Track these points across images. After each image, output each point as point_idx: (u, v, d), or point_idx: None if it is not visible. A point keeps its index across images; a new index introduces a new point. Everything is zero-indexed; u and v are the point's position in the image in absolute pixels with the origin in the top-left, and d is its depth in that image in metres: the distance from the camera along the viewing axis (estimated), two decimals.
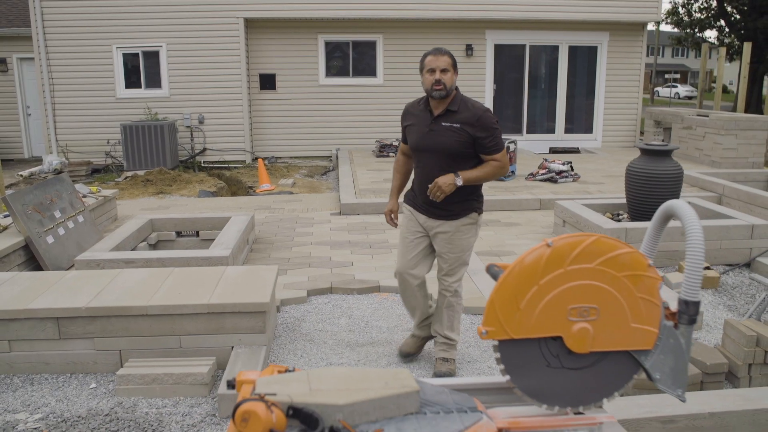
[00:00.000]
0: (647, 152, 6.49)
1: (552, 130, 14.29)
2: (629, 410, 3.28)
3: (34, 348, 3.92)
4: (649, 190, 6.40)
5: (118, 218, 7.89)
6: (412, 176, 3.81)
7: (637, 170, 6.49)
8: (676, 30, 32.25)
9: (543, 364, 1.65)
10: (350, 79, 13.56)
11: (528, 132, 14.26)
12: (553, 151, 13.57)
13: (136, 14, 12.64)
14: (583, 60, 14.01)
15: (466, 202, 3.58)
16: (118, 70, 12.90)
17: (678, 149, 7.79)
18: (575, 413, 1.69)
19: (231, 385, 1.62)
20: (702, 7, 30.03)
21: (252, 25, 13.13)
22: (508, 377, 1.65)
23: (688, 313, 1.64)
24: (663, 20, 32.26)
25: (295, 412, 1.48)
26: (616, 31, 13.77)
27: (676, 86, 52.42)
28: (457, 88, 3.52)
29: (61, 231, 6.00)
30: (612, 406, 3.33)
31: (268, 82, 13.38)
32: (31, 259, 5.65)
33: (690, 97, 48.62)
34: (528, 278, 1.58)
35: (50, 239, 5.79)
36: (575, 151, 13.66)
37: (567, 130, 14.31)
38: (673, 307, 1.73)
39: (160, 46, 12.82)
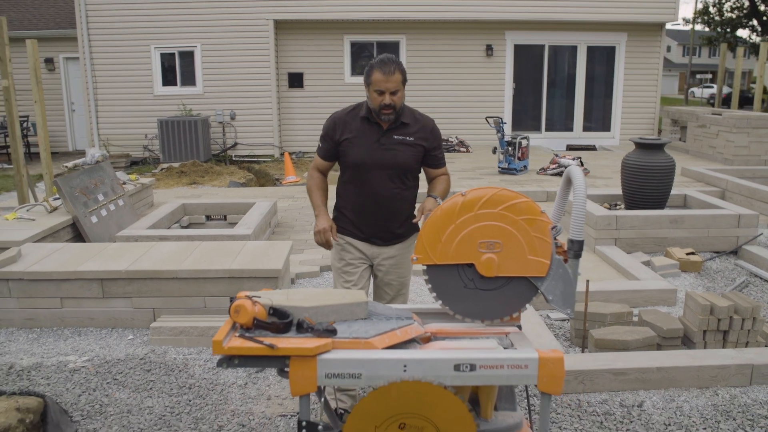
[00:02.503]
0: (641, 146, 6.92)
1: (570, 128, 14.67)
2: (586, 363, 3.79)
3: (82, 305, 4.58)
4: (642, 182, 6.82)
5: (153, 204, 8.59)
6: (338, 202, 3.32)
7: (631, 163, 6.92)
8: (707, 29, 32.03)
9: (461, 286, 2.18)
10: None
11: (546, 130, 14.67)
12: (570, 148, 13.94)
13: (173, 16, 13.41)
14: (602, 60, 14.37)
15: (410, 222, 3.23)
16: (155, 68, 13.71)
17: (670, 143, 8.18)
18: (487, 325, 2.23)
19: (232, 299, 2.20)
20: (734, 6, 29.83)
21: (281, 26, 13.81)
22: (434, 294, 2.20)
23: (574, 249, 2.15)
24: (693, 19, 32.11)
25: (274, 311, 2.06)
26: (634, 31, 14.08)
27: (712, 86, 51.76)
28: None
29: (103, 212, 6.69)
30: (572, 359, 3.83)
31: (296, 80, 14.05)
32: (78, 236, 6.35)
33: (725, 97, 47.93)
34: (447, 219, 2.12)
35: (94, 219, 6.48)
36: (592, 148, 14.02)
37: (585, 128, 14.69)
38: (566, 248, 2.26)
39: (195, 46, 13.59)
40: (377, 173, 3.06)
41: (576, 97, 14.56)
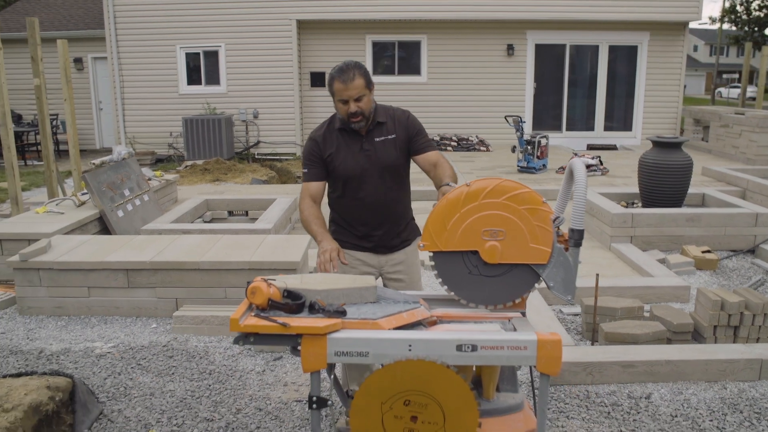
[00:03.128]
0: (659, 144, 6.94)
1: (591, 128, 14.65)
2: (595, 355, 3.87)
3: (108, 294, 4.77)
4: (659, 180, 6.85)
5: (177, 200, 8.80)
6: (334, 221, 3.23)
7: (649, 161, 6.95)
8: (734, 28, 31.60)
9: (466, 272, 2.29)
10: (396, 77, 14.26)
11: (567, 129, 14.67)
12: (591, 147, 13.92)
13: (198, 17, 13.67)
14: (623, 59, 14.32)
15: (412, 224, 3.23)
16: (181, 68, 13.98)
17: (688, 141, 8.17)
18: (491, 310, 2.34)
19: (249, 282, 2.32)
20: (762, 4, 29.42)
21: (304, 26, 13.99)
22: (440, 280, 2.31)
23: (574, 237, 2.24)
24: (721, 18, 31.69)
25: (288, 294, 2.18)
26: (657, 30, 14.01)
27: (739, 86, 50.96)
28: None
29: (129, 207, 6.90)
30: (580, 352, 3.91)
31: (318, 79, 14.22)
32: (104, 229, 6.56)
33: (754, 98, 47.20)
34: (452, 208, 2.23)
35: (120, 213, 6.69)
36: (613, 148, 13.98)
37: (606, 128, 14.65)
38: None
39: (219, 46, 13.82)
40: (370, 180, 2.98)
41: (597, 96, 14.53)
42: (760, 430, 3.31)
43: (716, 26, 35.82)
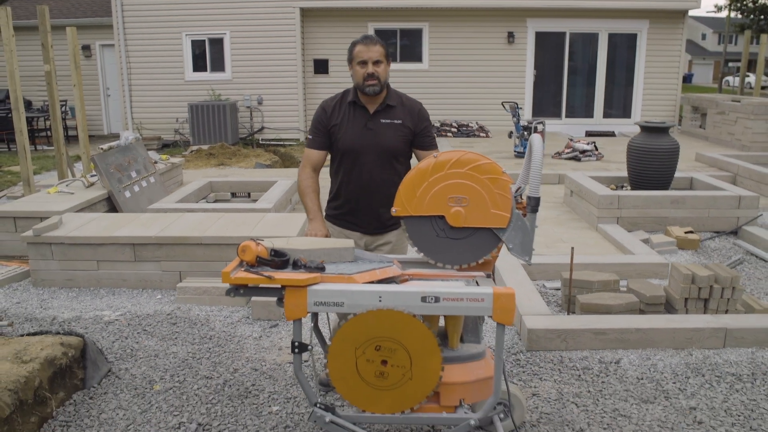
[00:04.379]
0: (646, 129, 7.17)
1: (590, 115, 14.85)
2: (571, 324, 4.13)
3: (116, 267, 5.06)
4: (647, 163, 7.08)
5: (183, 183, 9.09)
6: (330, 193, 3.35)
7: (636, 145, 7.18)
8: (740, 16, 31.53)
9: (434, 235, 2.55)
10: (398, 64, 14.48)
11: (567, 116, 14.87)
12: (590, 134, 14.12)
13: (204, 4, 13.92)
14: (623, 47, 14.48)
15: None
16: (186, 55, 14.24)
17: (674, 126, 8.38)
18: (458, 270, 2.61)
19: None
20: None
21: (307, 14, 14.21)
22: (411, 242, 2.57)
23: (531, 204, 2.50)
24: (729, 6, 31.63)
25: (275, 252, 2.46)
26: (656, 18, 14.16)
27: (748, 75, 50.67)
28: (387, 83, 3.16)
29: (136, 188, 7.20)
30: (556, 320, 4.17)
31: (321, 66, 14.46)
32: (112, 209, 6.85)
33: (764, 87, 46.97)
34: (421, 177, 2.49)
35: (127, 194, 6.99)
36: (611, 134, 14.18)
37: (605, 115, 14.84)
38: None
39: (224, 33, 14.07)
40: (367, 158, 3.08)
41: (597, 84, 14.71)
42: (719, 392, 3.57)
43: (724, 14, 35.71)
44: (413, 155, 3.26)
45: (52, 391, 3.14)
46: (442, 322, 2.73)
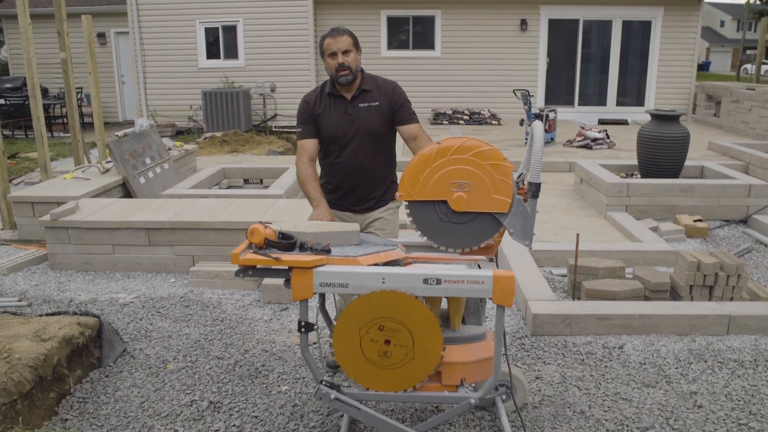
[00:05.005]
0: (656, 117, 7.17)
1: (603, 103, 14.78)
2: (575, 309, 4.19)
3: (130, 252, 5.19)
4: (657, 151, 7.09)
5: (196, 169, 9.20)
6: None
7: (647, 133, 7.18)
8: (759, 2, 31.03)
9: (437, 219, 2.62)
10: (410, 51, 14.49)
11: (580, 104, 14.81)
12: (602, 122, 14.06)
13: None
14: (637, 34, 14.37)
15: (393, 187, 3.42)
16: (200, 42, 14.33)
17: (685, 115, 8.35)
18: (460, 253, 2.68)
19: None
20: None
21: (320, 1, 14.23)
22: (415, 226, 2.65)
23: (532, 190, 2.57)
24: None
25: (282, 235, 2.54)
26: (671, 5, 14.03)
27: (765, 63, 49.88)
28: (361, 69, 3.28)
29: (150, 174, 7.31)
30: (561, 306, 4.24)
31: None
32: (127, 195, 6.97)
33: None
34: (424, 162, 2.56)
35: (142, 180, 7.11)
36: (624, 122, 14.11)
37: (619, 103, 14.77)
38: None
39: (237, 21, 14.14)
40: (351, 143, 3.23)
41: (610, 71, 14.63)
42: (721, 377, 3.62)
43: (743, 0, 35.13)
44: (398, 134, 3.37)
45: (69, 368, 3.26)
46: (444, 305, 2.81)
